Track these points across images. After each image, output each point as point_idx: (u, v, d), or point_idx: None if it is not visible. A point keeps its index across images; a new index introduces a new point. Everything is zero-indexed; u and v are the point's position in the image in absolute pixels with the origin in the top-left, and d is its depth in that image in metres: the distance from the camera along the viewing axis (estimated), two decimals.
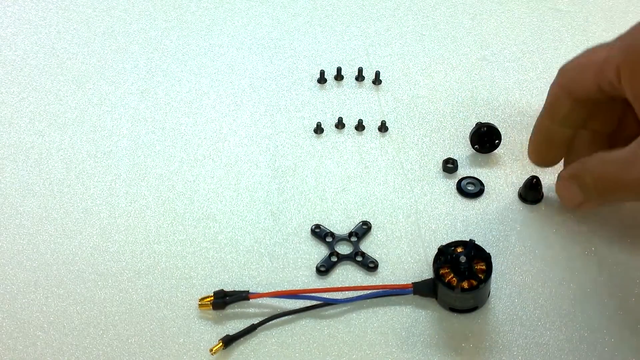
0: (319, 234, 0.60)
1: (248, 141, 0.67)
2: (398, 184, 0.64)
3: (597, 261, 0.58)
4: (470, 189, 0.63)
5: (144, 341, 0.55)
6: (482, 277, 0.54)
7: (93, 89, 0.72)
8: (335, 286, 0.56)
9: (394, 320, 0.55)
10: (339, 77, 0.72)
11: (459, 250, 0.55)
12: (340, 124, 0.68)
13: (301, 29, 0.77)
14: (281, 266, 0.59)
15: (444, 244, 0.56)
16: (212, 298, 0.56)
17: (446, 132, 0.67)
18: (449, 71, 0.72)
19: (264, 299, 0.56)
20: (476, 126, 0.65)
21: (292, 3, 0.79)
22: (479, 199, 0.62)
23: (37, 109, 0.70)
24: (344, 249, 0.59)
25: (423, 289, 0.56)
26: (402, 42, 0.75)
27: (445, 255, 0.55)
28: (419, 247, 0.59)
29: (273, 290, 0.56)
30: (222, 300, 0.55)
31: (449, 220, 0.61)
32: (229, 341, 0.54)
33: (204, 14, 0.79)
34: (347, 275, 0.58)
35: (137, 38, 0.76)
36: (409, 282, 0.56)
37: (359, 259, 0.59)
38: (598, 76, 0.52)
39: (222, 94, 0.71)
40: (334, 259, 0.59)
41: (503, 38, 0.75)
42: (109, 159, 0.66)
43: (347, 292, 0.56)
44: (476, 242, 0.55)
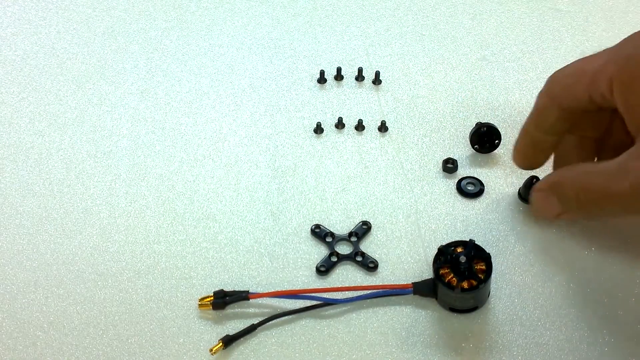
0: (319, 234, 0.60)
1: (248, 141, 0.67)
2: (398, 184, 0.64)
3: (597, 261, 0.58)
4: (470, 189, 0.63)
5: (144, 341, 0.55)
6: (482, 277, 0.54)
7: (93, 89, 0.72)
8: (335, 286, 0.56)
9: (394, 320, 0.55)
10: (339, 77, 0.72)
11: (459, 250, 0.55)
12: (340, 124, 0.68)
13: (301, 29, 0.77)
14: (281, 266, 0.59)
15: (444, 244, 0.56)
16: (212, 298, 0.56)
17: (446, 132, 0.67)
18: (449, 71, 0.72)
19: (264, 299, 0.56)
20: (476, 126, 0.65)
21: (292, 3, 0.79)
22: (479, 199, 0.62)
23: (37, 109, 0.70)
24: (344, 249, 0.59)
25: (423, 289, 0.56)
26: (402, 42, 0.75)
27: (445, 255, 0.55)
28: (419, 247, 0.59)
29: (273, 290, 0.56)
30: (222, 300, 0.55)
31: (449, 220, 0.61)
32: (229, 341, 0.54)
33: (204, 14, 0.79)
34: (347, 275, 0.58)
35: (137, 38, 0.76)
36: (409, 282, 0.56)
37: (359, 259, 0.59)
38: (590, 87, 0.51)
39: (222, 94, 0.71)
40: (334, 259, 0.59)
41: (503, 38, 0.75)
42: (109, 159, 0.66)
43: (347, 292, 0.56)
44: (476, 242, 0.55)
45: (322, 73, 0.72)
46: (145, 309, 0.56)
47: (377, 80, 0.71)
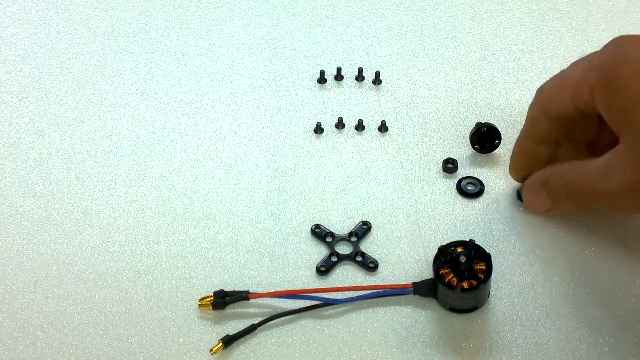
0: (319, 234, 0.60)
1: (248, 141, 0.67)
2: (398, 184, 0.64)
3: (597, 261, 0.58)
4: (470, 189, 0.63)
5: (144, 341, 0.55)
6: (482, 277, 0.54)
7: (93, 89, 0.72)
8: (335, 286, 0.56)
9: (394, 320, 0.55)
10: (338, 77, 0.72)
11: (459, 250, 0.55)
12: (340, 124, 0.68)
13: (301, 29, 0.77)
14: (281, 266, 0.59)
15: (444, 244, 0.56)
16: (212, 298, 0.56)
17: (446, 132, 0.67)
18: (449, 71, 0.72)
19: (264, 299, 0.56)
20: (476, 126, 0.65)
21: (292, 3, 0.79)
22: (479, 199, 0.62)
23: (37, 109, 0.70)
24: (344, 249, 0.59)
25: (423, 289, 0.56)
26: (402, 42, 0.75)
27: (445, 255, 0.55)
28: (419, 247, 0.59)
29: (273, 290, 0.56)
30: (222, 300, 0.55)
31: (449, 220, 0.61)
32: (229, 341, 0.54)
33: (204, 14, 0.79)
34: (347, 275, 0.58)
35: (137, 38, 0.76)
36: (409, 282, 0.56)
37: (359, 259, 0.59)
38: (574, 97, 0.53)
39: (222, 94, 0.71)
40: (334, 259, 0.59)
41: (503, 38, 0.75)
42: (109, 159, 0.66)
43: (347, 292, 0.56)
44: (476, 242, 0.55)
45: (322, 73, 0.72)
46: (145, 309, 0.56)
47: (377, 80, 0.71)
